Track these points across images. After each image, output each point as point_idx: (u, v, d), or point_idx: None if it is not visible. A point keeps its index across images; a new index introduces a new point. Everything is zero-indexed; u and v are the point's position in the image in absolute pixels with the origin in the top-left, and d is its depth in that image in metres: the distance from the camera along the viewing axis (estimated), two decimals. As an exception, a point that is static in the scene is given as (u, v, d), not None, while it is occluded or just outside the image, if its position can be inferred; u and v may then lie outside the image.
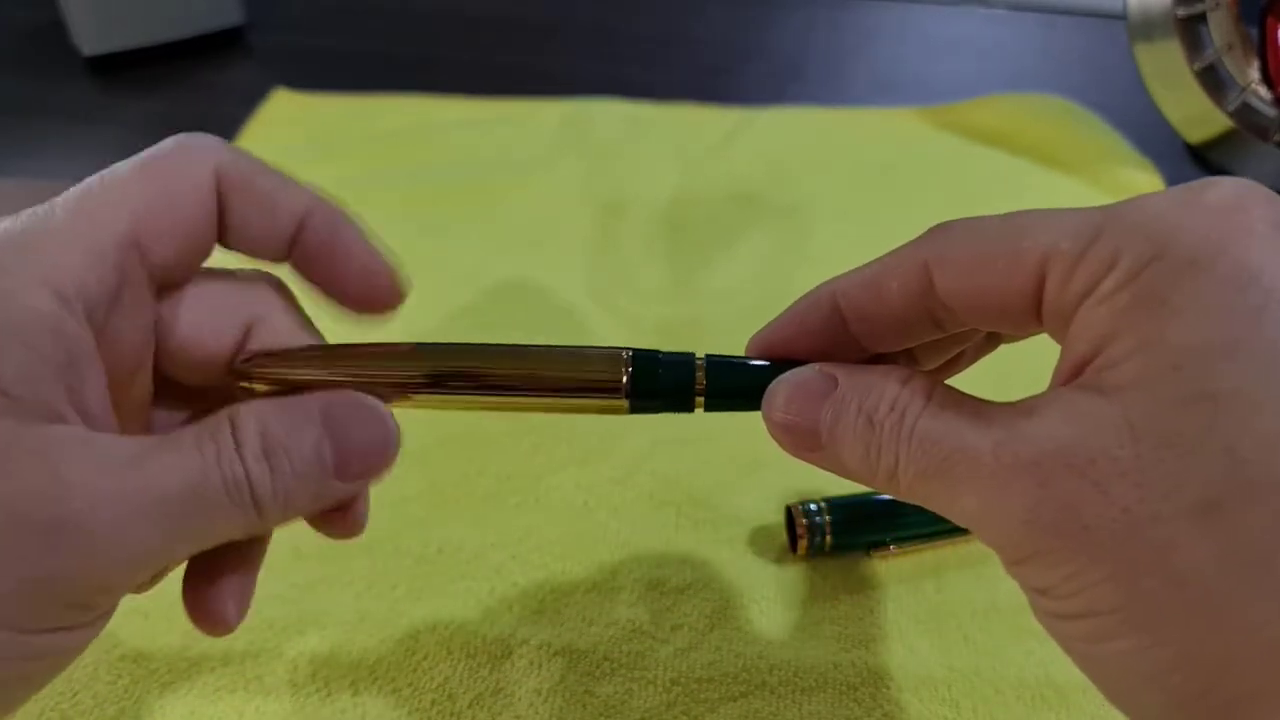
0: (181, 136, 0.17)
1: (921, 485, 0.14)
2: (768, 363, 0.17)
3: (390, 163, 0.44)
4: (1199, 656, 0.12)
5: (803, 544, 0.26)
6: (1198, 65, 0.43)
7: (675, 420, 0.32)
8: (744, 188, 0.43)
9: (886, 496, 0.27)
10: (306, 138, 0.46)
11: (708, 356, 0.17)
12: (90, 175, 0.16)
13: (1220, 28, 0.43)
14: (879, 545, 0.27)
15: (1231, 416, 0.12)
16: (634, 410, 0.17)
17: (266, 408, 0.16)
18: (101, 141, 0.46)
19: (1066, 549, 0.12)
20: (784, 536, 0.28)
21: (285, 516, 0.16)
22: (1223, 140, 0.44)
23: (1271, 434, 0.11)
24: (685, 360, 0.17)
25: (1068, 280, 0.14)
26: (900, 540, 0.27)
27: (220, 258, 0.18)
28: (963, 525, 0.14)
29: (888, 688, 0.24)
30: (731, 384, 0.17)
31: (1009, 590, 0.26)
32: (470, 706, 0.23)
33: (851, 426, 0.15)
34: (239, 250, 0.18)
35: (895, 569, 0.27)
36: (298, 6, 0.59)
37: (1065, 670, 0.24)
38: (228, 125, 0.46)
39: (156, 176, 0.16)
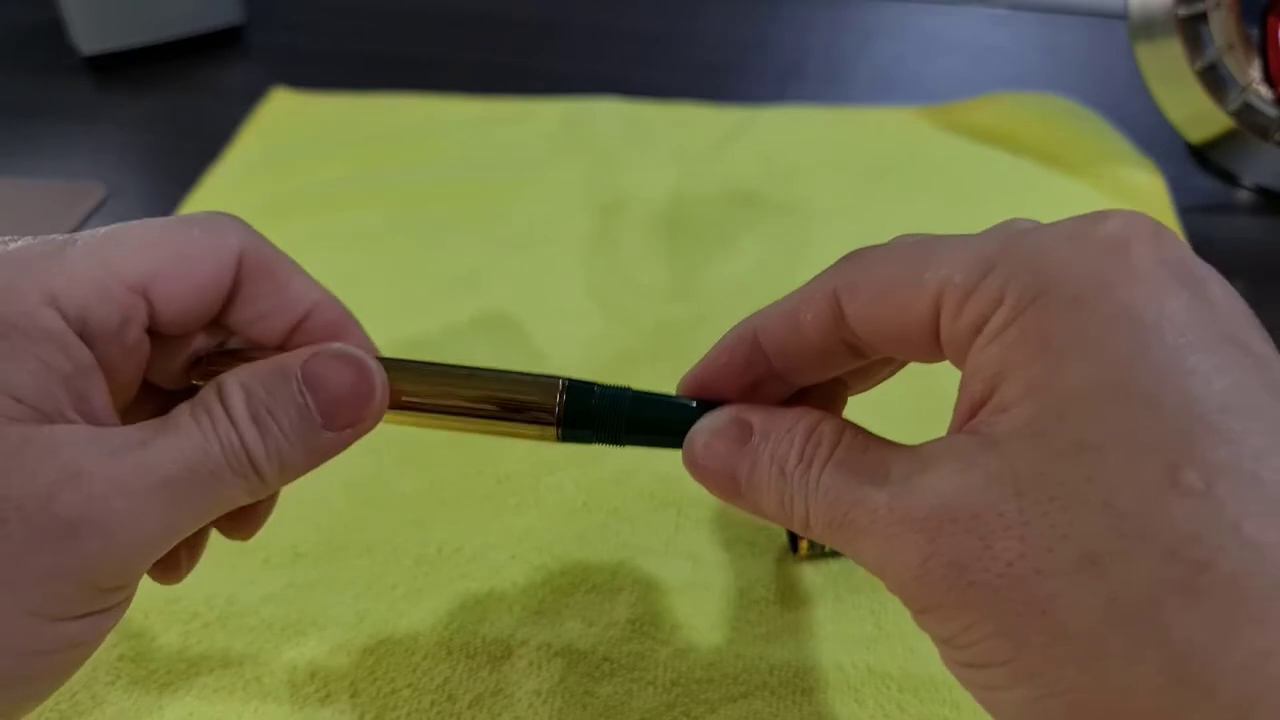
0: (214, 213, 0.18)
1: (830, 535, 0.15)
2: (694, 403, 0.17)
3: (389, 162, 0.44)
4: (1088, 708, 0.12)
5: (803, 544, 0.26)
6: (1199, 65, 0.43)
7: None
8: (744, 187, 0.43)
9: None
10: (305, 137, 0.46)
11: (634, 393, 0.18)
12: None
13: (1221, 27, 0.43)
14: (879, 546, 0.27)
15: (1110, 467, 0.12)
16: (564, 439, 0.18)
17: (246, 372, 0.16)
18: (100, 141, 0.46)
19: (957, 603, 0.12)
20: (784, 537, 0.27)
21: (285, 475, 0.16)
22: (1224, 140, 0.44)
23: (1149, 484, 0.11)
24: (619, 394, 0.18)
25: (958, 314, 0.14)
26: (901, 541, 0.27)
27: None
28: (874, 575, 0.14)
29: (889, 688, 0.24)
30: (655, 420, 0.18)
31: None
32: (470, 707, 0.23)
33: (766, 476, 0.15)
34: (240, 329, 0.18)
35: (896, 569, 0.27)
36: (297, 6, 0.59)
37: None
38: (226, 124, 0.46)
39: (181, 242, 0.17)
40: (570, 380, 0.18)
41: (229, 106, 0.47)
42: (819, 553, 0.27)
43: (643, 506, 0.29)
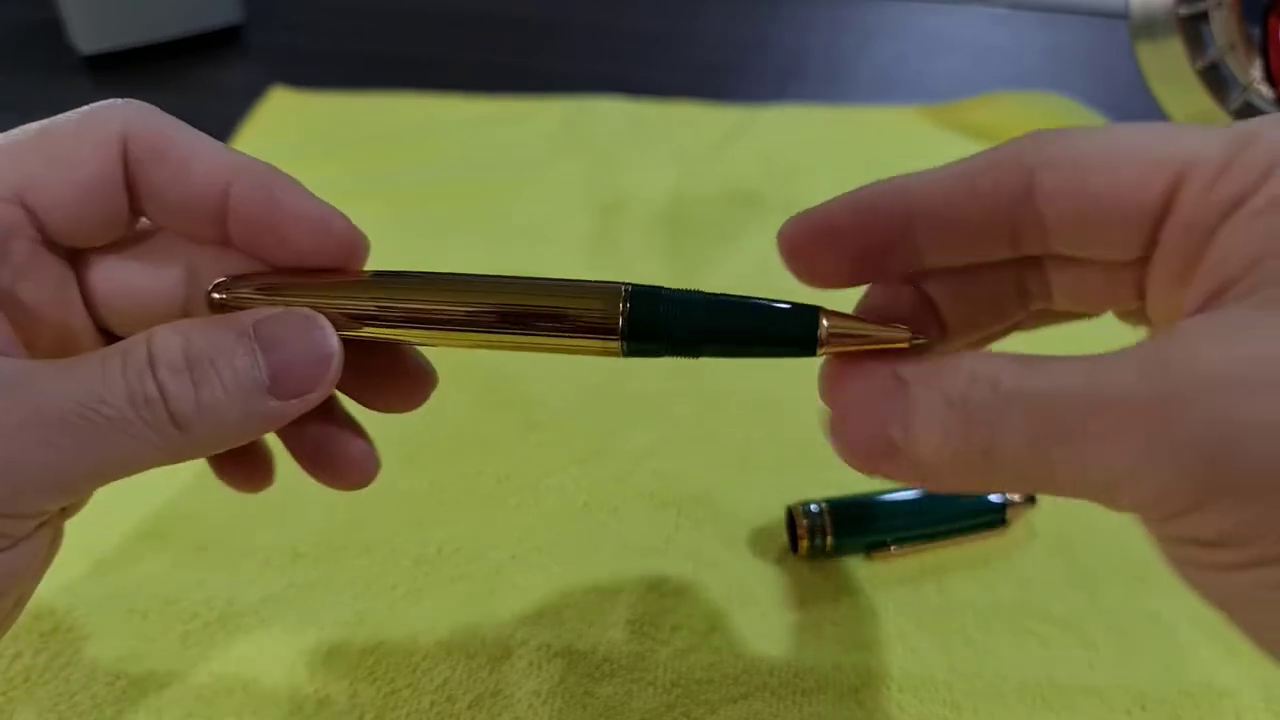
0: (92, 104, 0.16)
1: (1035, 456, 0.12)
2: (779, 304, 0.15)
3: (388, 162, 0.44)
4: None
5: (803, 545, 0.26)
6: (1200, 64, 0.43)
7: (676, 421, 0.32)
8: (744, 187, 0.43)
9: (890, 497, 0.27)
10: (304, 136, 0.46)
11: (708, 296, 0.16)
12: (61, 116, 0.16)
13: (1222, 27, 0.43)
14: (879, 546, 0.27)
15: None
16: (630, 353, 0.15)
17: (191, 324, 0.15)
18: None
19: (1263, 481, 0.10)
20: (784, 537, 0.27)
21: (217, 437, 0.15)
22: (1224, 139, 0.44)
23: None
24: (692, 298, 0.15)
25: (1210, 190, 0.12)
26: (901, 541, 0.27)
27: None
28: (1085, 494, 0.12)
29: (889, 689, 0.24)
30: (735, 326, 0.15)
31: (1010, 591, 0.26)
32: (469, 708, 0.23)
33: (927, 416, 0.13)
34: (164, 224, 0.17)
35: (896, 570, 0.27)
36: (296, 5, 0.59)
37: (1067, 671, 0.24)
38: (225, 124, 0.46)
39: (51, 140, 0.15)
40: (634, 286, 0.15)
41: (228, 106, 0.47)
42: (820, 553, 0.27)
43: (643, 506, 0.29)
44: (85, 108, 0.16)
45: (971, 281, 0.16)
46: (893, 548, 0.27)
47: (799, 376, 0.17)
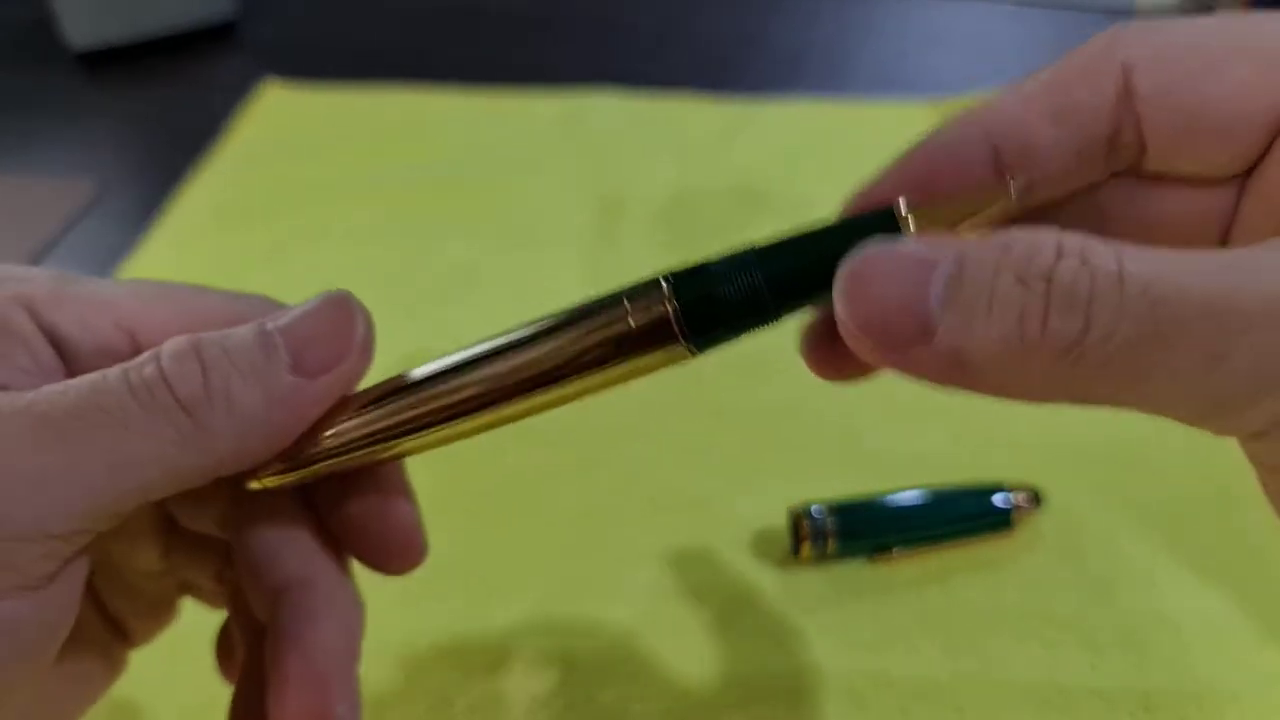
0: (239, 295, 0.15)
1: (1142, 356, 0.10)
2: (858, 218, 0.12)
3: (384, 157, 0.44)
4: None
5: (806, 548, 0.26)
6: (1204, 58, 0.43)
7: (677, 425, 0.32)
8: (745, 182, 0.42)
9: (893, 499, 0.27)
10: (298, 131, 0.45)
11: (761, 248, 0.13)
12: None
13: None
14: (883, 549, 0.26)
15: None
16: (703, 348, 0.13)
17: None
18: (91, 136, 0.46)
19: None
20: (787, 541, 0.27)
21: (238, 426, 0.13)
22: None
23: None
24: (743, 259, 0.12)
25: None
26: (904, 544, 0.26)
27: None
28: (1193, 411, 0.10)
29: (892, 693, 0.24)
30: (813, 268, 0.12)
31: (1015, 594, 0.26)
32: (467, 713, 0.23)
33: (988, 289, 0.10)
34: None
35: (899, 573, 0.27)
36: (291, -2, 0.58)
37: (1072, 674, 0.24)
38: (219, 119, 0.46)
39: (190, 300, 0.15)
40: (674, 272, 0.13)
41: (221, 101, 0.47)
42: (822, 557, 0.26)
43: (643, 511, 0.28)
44: (234, 294, 0.16)
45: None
46: (896, 551, 0.26)
47: (799, 377, 0.16)
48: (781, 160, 0.44)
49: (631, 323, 0.13)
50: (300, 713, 0.14)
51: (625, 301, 0.13)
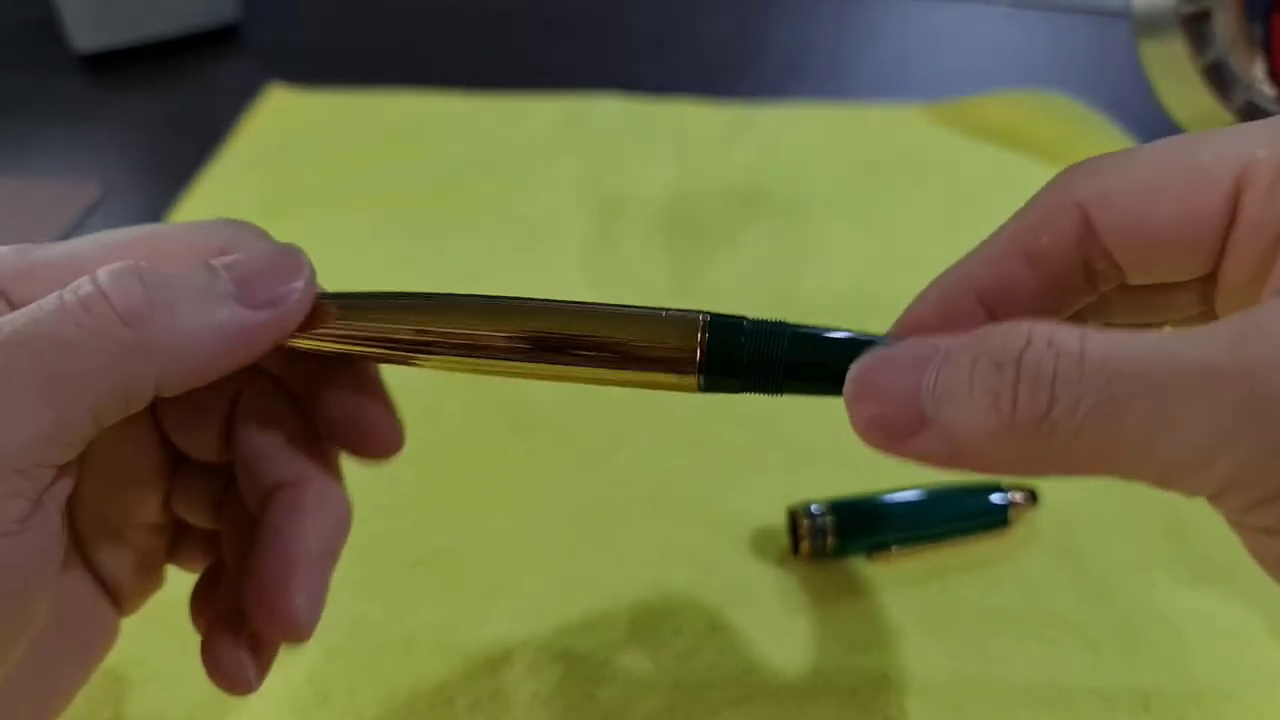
0: (202, 222, 0.16)
1: (1102, 426, 0.11)
2: (872, 338, 0.14)
3: (386, 159, 0.44)
4: None
5: (805, 546, 0.26)
6: (1203, 62, 0.43)
7: (676, 423, 0.32)
8: (745, 185, 0.43)
9: (892, 497, 0.27)
10: (302, 134, 0.45)
11: (794, 329, 0.14)
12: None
13: (1225, 25, 0.42)
14: (881, 547, 0.27)
15: None
16: (707, 388, 0.14)
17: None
18: (96, 138, 0.46)
19: None
20: (786, 539, 0.27)
21: (179, 345, 0.13)
22: (1227, 138, 0.44)
23: None
24: (775, 330, 0.14)
25: (1273, 189, 0.12)
26: (903, 542, 0.27)
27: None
28: (1156, 474, 0.11)
29: (891, 692, 0.24)
30: (823, 363, 0.14)
31: (1014, 592, 0.26)
32: (468, 710, 0.23)
33: (968, 378, 0.12)
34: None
35: (898, 572, 0.27)
36: (293, 2, 0.58)
37: (1071, 673, 0.24)
38: (223, 122, 0.46)
39: (155, 242, 0.15)
40: (713, 315, 0.14)
41: (225, 104, 0.47)
42: (821, 555, 0.26)
43: (643, 508, 0.28)
44: (195, 222, 0.16)
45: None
46: (895, 549, 0.27)
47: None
48: (781, 162, 0.44)
49: (666, 343, 0.14)
50: (263, 596, 0.15)
51: (663, 323, 0.14)
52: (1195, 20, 0.43)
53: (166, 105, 0.48)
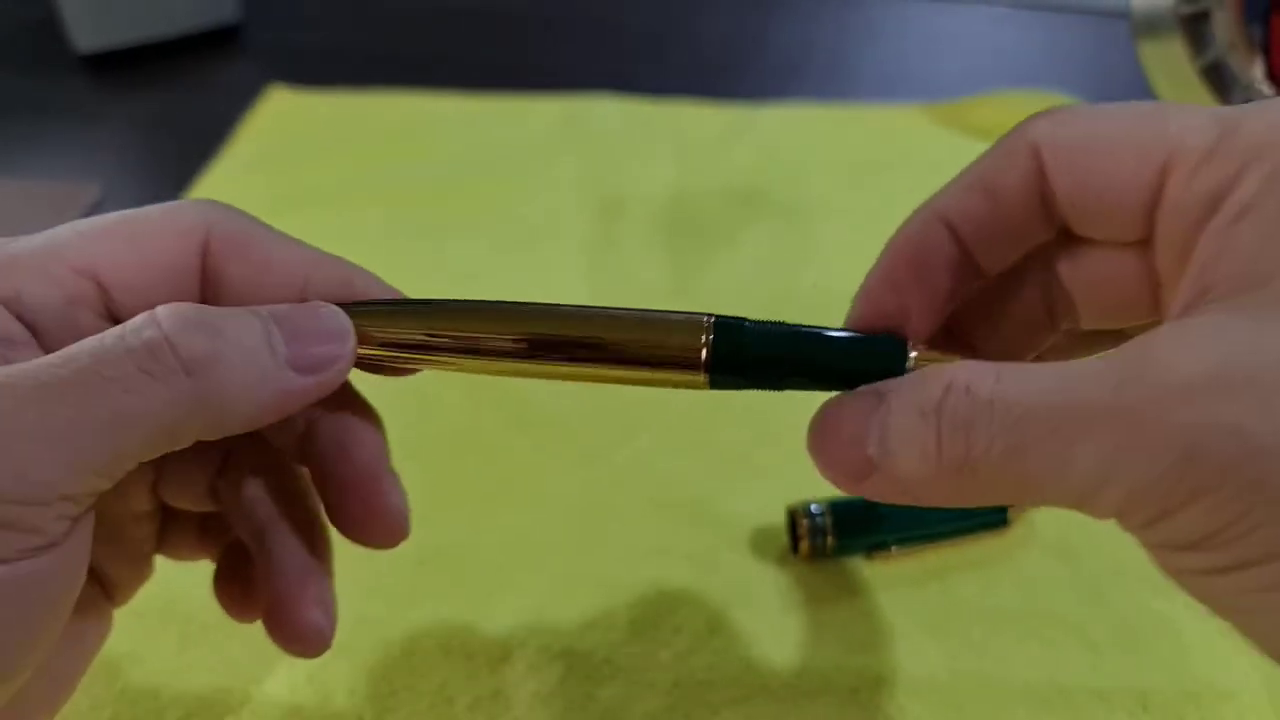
0: (177, 201, 0.16)
1: (1012, 464, 0.12)
2: (867, 337, 0.15)
3: (387, 160, 0.44)
4: None
5: (804, 546, 0.26)
6: (1201, 63, 0.43)
7: (676, 422, 0.32)
8: (745, 186, 0.43)
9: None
10: (303, 135, 0.45)
11: (794, 329, 0.15)
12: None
13: (1224, 26, 0.43)
14: (881, 547, 0.27)
15: None
16: (714, 385, 0.15)
17: (201, 303, 0.15)
18: (97, 139, 0.46)
19: (1236, 482, 0.11)
20: (785, 539, 0.27)
21: (232, 396, 0.14)
22: (1226, 138, 0.44)
23: None
24: (777, 330, 0.15)
25: (1190, 181, 0.12)
26: (902, 542, 0.27)
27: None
28: (1064, 501, 0.12)
29: (891, 691, 0.24)
30: (823, 361, 0.15)
31: (1013, 592, 0.26)
32: (469, 710, 0.23)
33: (905, 427, 0.13)
34: None
35: (898, 571, 0.27)
36: (294, 3, 0.59)
37: (1070, 673, 0.24)
38: (224, 123, 0.46)
39: (131, 225, 0.16)
40: (718, 318, 0.15)
41: (226, 105, 0.47)
42: (821, 555, 0.27)
43: (643, 507, 0.29)
44: (170, 203, 0.16)
45: (1000, 309, 0.16)
46: (894, 549, 0.27)
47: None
48: (781, 163, 0.44)
49: (673, 343, 0.15)
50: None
51: (672, 326, 0.15)
52: (1194, 21, 0.43)
53: (167, 106, 0.49)
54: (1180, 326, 0.12)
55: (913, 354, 0.15)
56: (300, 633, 0.17)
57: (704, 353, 0.15)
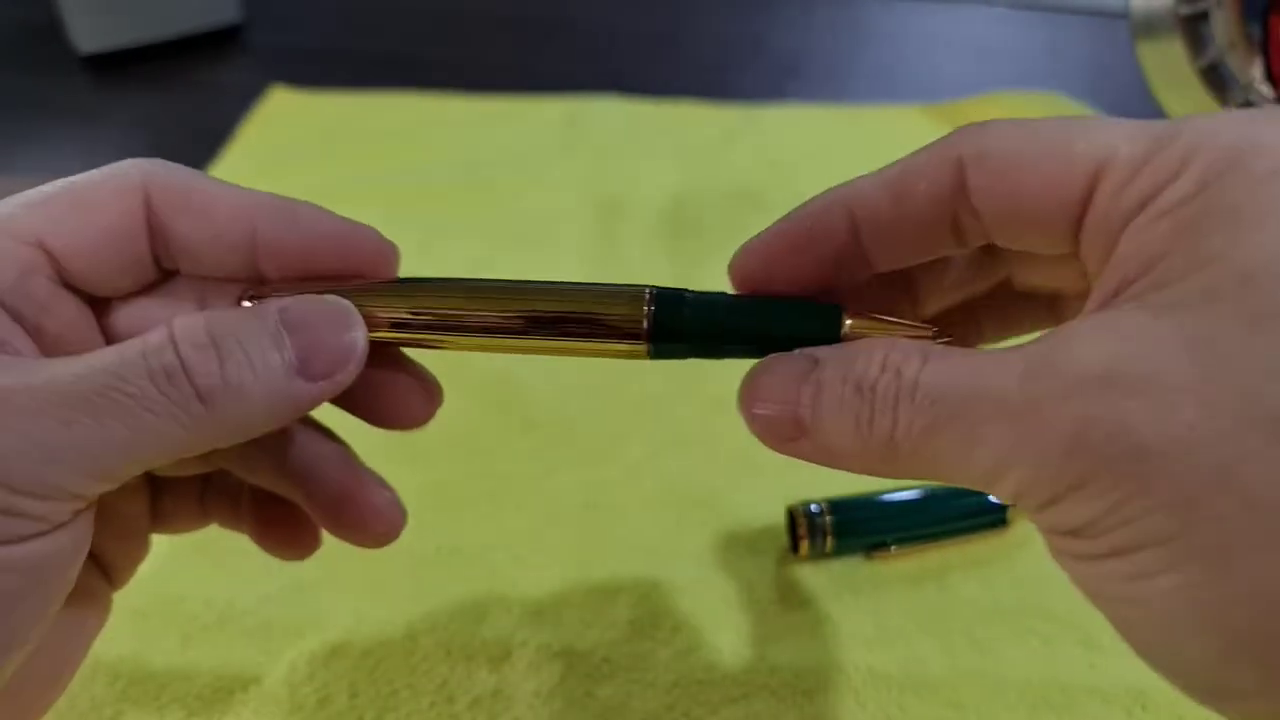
0: (114, 163, 0.16)
1: (928, 443, 0.13)
2: (804, 303, 0.16)
3: (388, 161, 0.44)
4: (1263, 595, 0.10)
5: (804, 545, 0.26)
6: (1201, 64, 0.43)
7: (677, 422, 0.32)
8: (745, 186, 0.43)
9: (891, 496, 0.27)
10: (304, 136, 0.45)
11: (732, 298, 0.16)
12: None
13: (1222, 26, 0.43)
14: (880, 546, 0.27)
15: None
16: (656, 355, 0.16)
17: (214, 312, 0.15)
18: (98, 140, 0.46)
19: (1115, 474, 0.11)
20: (785, 538, 0.27)
21: (243, 418, 0.14)
22: (1225, 138, 0.44)
23: None
24: (715, 300, 0.16)
25: (1123, 189, 0.12)
26: (901, 541, 0.27)
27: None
28: (972, 483, 0.13)
29: (890, 689, 0.24)
30: (760, 327, 0.15)
31: (1012, 590, 0.26)
32: (469, 708, 0.23)
33: (837, 398, 0.14)
34: (194, 270, 0.17)
35: (897, 570, 0.27)
36: (295, 4, 0.59)
37: (1069, 671, 0.24)
38: (225, 124, 0.46)
39: (73, 190, 0.16)
40: (658, 289, 0.16)
41: (228, 106, 0.47)
42: (820, 554, 0.27)
43: (643, 507, 0.29)
44: (109, 165, 0.16)
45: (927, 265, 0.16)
46: (893, 548, 0.27)
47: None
48: (780, 164, 0.44)
49: (616, 314, 0.16)
50: (353, 510, 0.18)
51: (613, 296, 0.16)
52: (1193, 21, 0.43)
53: (168, 106, 0.49)
54: (1088, 321, 0.12)
55: (848, 321, 0.15)
56: (377, 517, 0.18)
57: (645, 323, 0.15)
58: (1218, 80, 0.43)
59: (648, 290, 0.16)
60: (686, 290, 0.16)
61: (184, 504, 0.20)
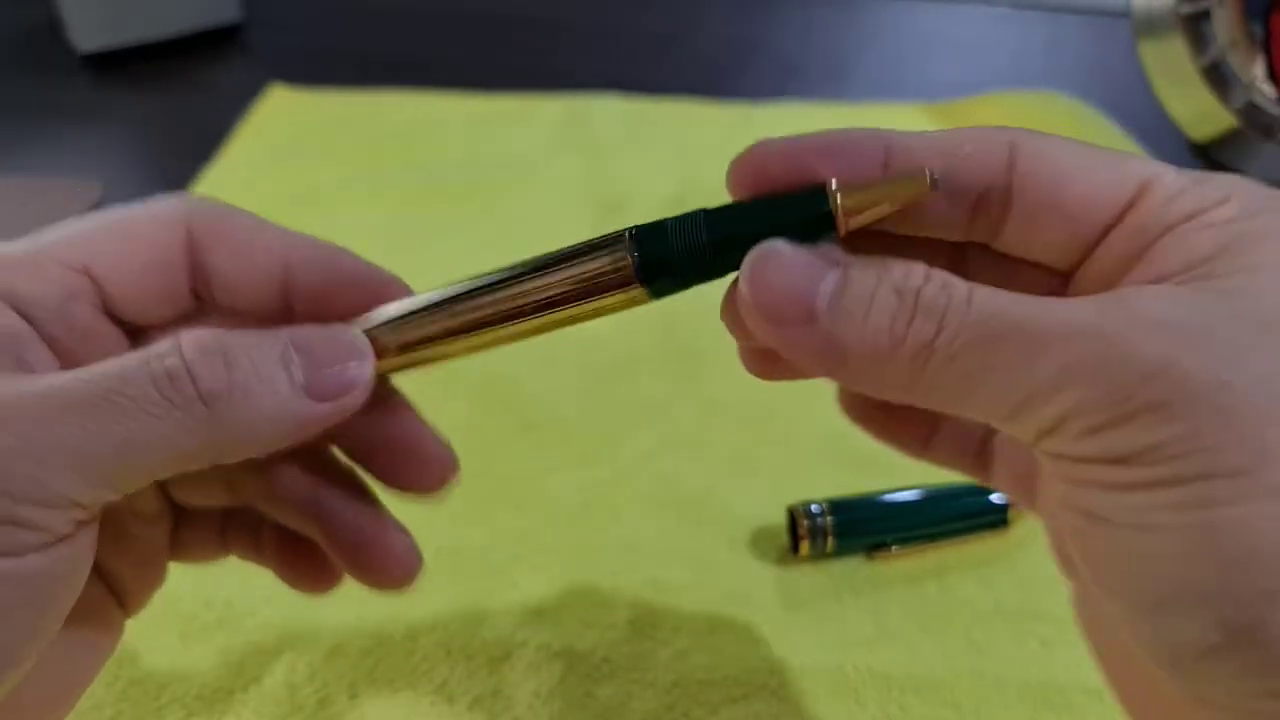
0: (159, 196, 0.17)
1: (972, 355, 0.12)
2: (792, 191, 0.14)
3: (388, 160, 0.44)
4: None
5: (804, 545, 0.26)
6: (1202, 62, 0.43)
7: (676, 422, 0.32)
8: (745, 186, 0.43)
9: (891, 497, 0.27)
10: (304, 135, 0.45)
11: (708, 211, 0.15)
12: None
13: (1224, 25, 0.43)
14: (880, 547, 0.27)
15: None
16: (657, 294, 0.15)
17: (225, 330, 0.15)
18: (98, 139, 0.46)
19: (1197, 402, 0.11)
20: (785, 538, 0.27)
21: (248, 426, 0.14)
22: (1228, 138, 0.44)
23: None
24: (692, 218, 0.15)
25: (1170, 201, 0.13)
26: (902, 541, 0.27)
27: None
28: (995, 406, 0.13)
29: (890, 689, 0.24)
30: (747, 232, 0.14)
31: (1012, 591, 0.26)
32: (469, 709, 0.23)
33: (868, 295, 0.13)
34: (230, 303, 0.17)
35: (897, 570, 0.27)
36: (295, 4, 0.59)
37: (1068, 671, 0.24)
38: (224, 122, 0.46)
39: (119, 221, 0.16)
40: (637, 227, 0.15)
41: (227, 104, 0.47)
42: (821, 554, 0.27)
43: (643, 507, 0.29)
44: (151, 200, 0.17)
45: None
46: (894, 548, 0.27)
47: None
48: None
49: (602, 266, 0.15)
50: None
51: (596, 249, 0.15)
52: (1195, 20, 0.43)
53: (168, 105, 0.49)
54: (1149, 289, 0.13)
55: (839, 197, 0.14)
56: (395, 562, 0.18)
57: (633, 264, 0.15)
58: (1219, 79, 0.43)
59: (627, 232, 0.15)
60: (666, 219, 0.15)
61: (204, 535, 0.20)
